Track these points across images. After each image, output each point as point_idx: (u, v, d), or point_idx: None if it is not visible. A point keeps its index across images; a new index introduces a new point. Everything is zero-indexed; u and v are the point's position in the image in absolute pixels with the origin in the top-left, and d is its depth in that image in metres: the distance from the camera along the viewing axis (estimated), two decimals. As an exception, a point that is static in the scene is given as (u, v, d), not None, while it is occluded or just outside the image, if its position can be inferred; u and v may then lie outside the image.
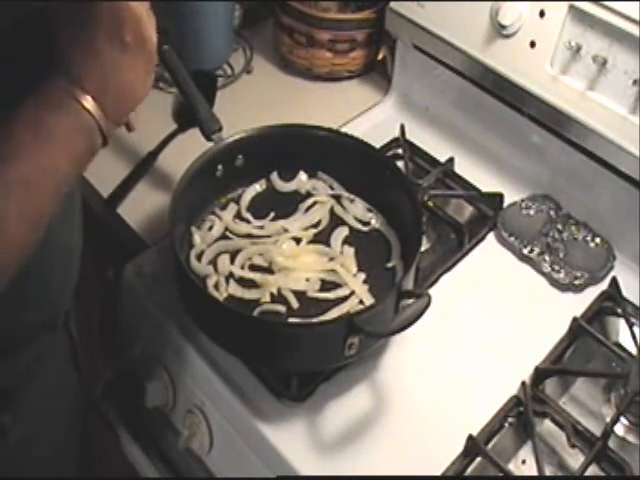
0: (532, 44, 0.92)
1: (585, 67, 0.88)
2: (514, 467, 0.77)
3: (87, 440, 1.08)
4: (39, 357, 0.76)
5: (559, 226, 0.96)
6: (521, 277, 0.93)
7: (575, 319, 0.85)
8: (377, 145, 0.98)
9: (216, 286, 0.81)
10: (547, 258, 0.93)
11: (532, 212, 0.98)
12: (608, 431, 0.76)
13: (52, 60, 0.55)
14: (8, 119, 0.52)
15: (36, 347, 0.75)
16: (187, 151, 0.85)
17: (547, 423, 0.80)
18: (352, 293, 0.81)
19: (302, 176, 0.93)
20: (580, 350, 0.86)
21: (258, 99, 1.14)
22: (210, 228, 0.87)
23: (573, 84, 0.90)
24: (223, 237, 0.87)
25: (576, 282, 0.90)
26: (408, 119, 1.10)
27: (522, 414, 0.78)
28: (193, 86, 0.89)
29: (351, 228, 0.89)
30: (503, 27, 0.93)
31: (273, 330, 0.75)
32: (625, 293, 0.89)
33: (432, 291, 0.72)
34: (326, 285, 0.82)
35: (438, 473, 0.74)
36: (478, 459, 0.75)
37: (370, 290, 0.82)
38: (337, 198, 0.92)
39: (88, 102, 0.54)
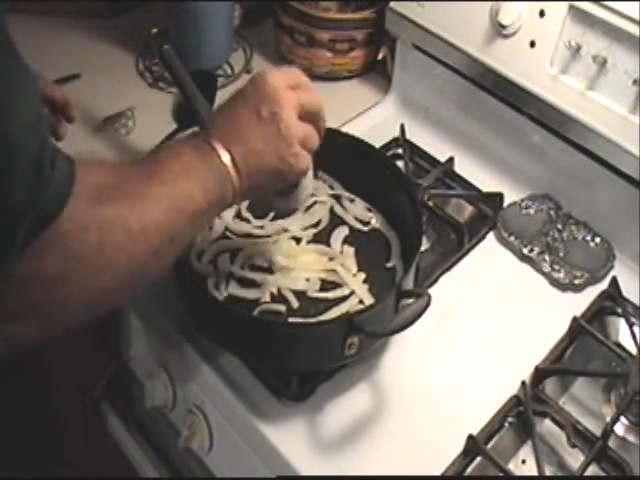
0: (532, 44, 0.92)
1: (585, 67, 0.88)
2: (514, 467, 0.77)
3: (88, 440, 1.08)
4: None
5: (559, 226, 0.96)
6: (521, 277, 0.93)
7: (575, 319, 0.85)
8: (377, 145, 0.98)
9: (216, 286, 0.81)
10: (547, 258, 0.93)
11: (532, 212, 0.98)
12: (608, 431, 0.76)
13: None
14: (161, 149, 0.62)
15: None
16: (187, 151, 0.85)
17: (547, 423, 0.80)
18: (352, 293, 0.81)
19: (302, 176, 0.93)
20: (580, 350, 0.86)
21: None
22: (210, 228, 0.87)
23: (573, 84, 0.90)
24: (223, 237, 0.87)
25: (576, 282, 0.90)
26: (408, 119, 1.10)
27: (522, 414, 0.78)
28: (193, 86, 0.89)
29: (351, 228, 0.89)
30: (503, 27, 0.93)
31: (273, 330, 0.75)
32: (625, 293, 0.89)
33: (432, 291, 0.72)
34: (326, 285, 0.82)
35: (438, 473, 0.74)
36: (478, 459, 0.75)
37: (370, 290, 0.82)
38: (337, 198, 0.92)
39: (222, 152, 0.62)
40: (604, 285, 0.90)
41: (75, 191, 0.51)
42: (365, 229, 0.89)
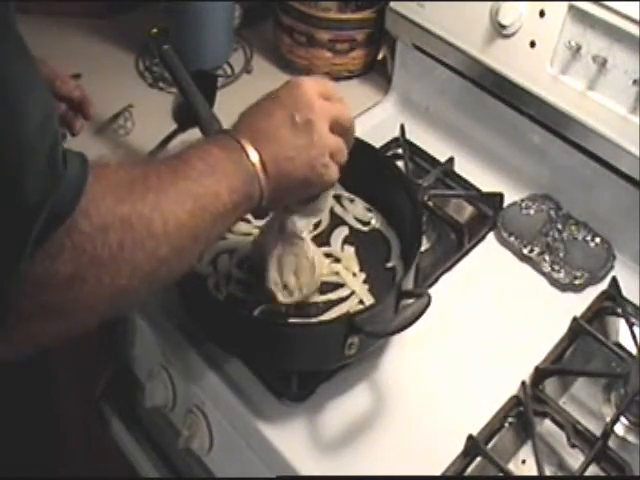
0: (532, 44, 0.92)
1: (585, 67, 0.88)
2: (514, 467, 0.77)
3: (88, 440, 1.08)
4: None
5: (559, 226, 0.96)
6: (521, 277, 0.93)
7: (575, 319, 0.85)
8: (377, 145, 0.98)
9: (216, 286, 0.81)
10: (547, 258, 0.93)
11: (532, 212, 0.98)
12: (608, 431, 0.76)
13: None
14: (184, 149, 0.60)
15: None
16: (187, 151, 0.85)
17: (547, 423, 0.80)
18: (352, 293, 0.81)
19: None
20: (580, 350, 0.86)
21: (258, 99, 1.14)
22: (210, 228, 0.87)
23: (573, 84, 0.90)
24: (223, 237, 0.86)
25: (576, 282, 0.90)
26: (408, 119, 1.10)
27: (522, 414, 0.78)
28: (193, 86, 0.89)
29: (351, 228, 0.89)
30: (503, 27, 0.93)
31: (273, 330, 0.75)
32: (625, 293, 0.89)
33: (432, 291, 0.72)
34: (326, 285, 0.82)
35: (438, 473, 0.73)
36: (478, 459, 0.75)
37: (370, 290, 0.82)
38: (337, 198, 0.92)
39: (251, 151, 0.61)
40: (604, 285, 0.90)
41: (92, 189, 0.50)
42: (365, 229, 0.89)
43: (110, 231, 0.51)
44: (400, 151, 1.05)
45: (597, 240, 0.95)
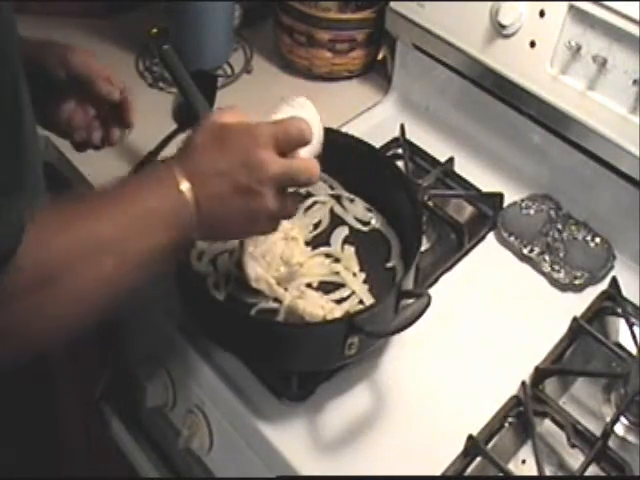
0: (532, 44, 0.92)
1: (585, 67, 0.88)
2: (514, 467, 0.77)
3: (88, 440, 1.08)
4: None
5: (559, 226, 0.96)
6: (521, 277, 0.93)
7: (575, 319, 0.85)
8: (377, 145, 0.98)
9: (216, 286, 0.81)
10: (547, 258, 0.93)
11: (532, 212, 0.98)
12: (608, 431, 0.76)
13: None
14: (115, 185, 0.59)
15: None
16: (187, 151, 0.85)
17: (547, 423, 0.80)
18: (352, 293, 0.81)
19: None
20: (580, 350, 0.86)
21: (258, 99, 1.13)
22: (210, 228, 0.87)
23: (573, 84, 0.90)
24: (223, 237, 0.86)
25: (576, 282, 0.90)
26: (408, 119, 1.10)
27: (522, 414, 0.78)
28: (193, 86, 0.89)
29: (351, 228, 0.89)
30: (503, 27, 0.93)
31: (273, 330, 0.75)
32: (625, 293, 0.89)
33: (432, 291, 0.72)
34: (326, 286, 0.82)
35: (438, 473, 0.73)
36: (478, 459, 0.75)
37: (370, 290, 0.82)
38: (337, 198, 0.92)
39: (188, 191, 0.59)
40: (604, 285, 0.90)
41: (30, 232, 0.51)
42: (365, 229, 0.89)
43: (50, 270, 0.53)
44: (400, 151, 1.05)
45: (597, 240, 0.95)
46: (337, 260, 0.85)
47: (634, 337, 0.84)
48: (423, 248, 0.91)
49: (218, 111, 0.65)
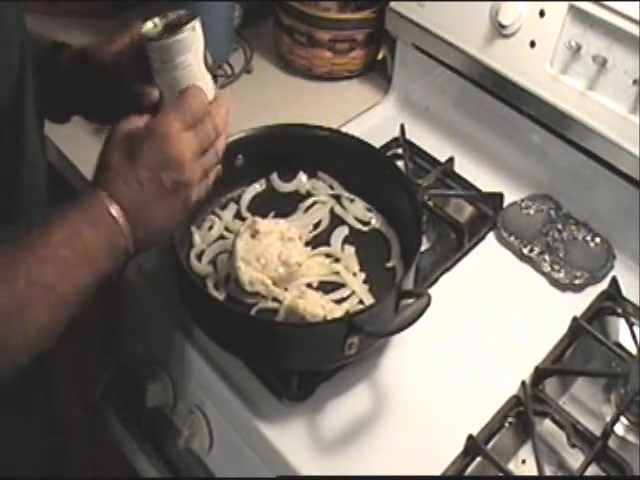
0: (532, 44, 0.92)
1: (585, 67, 0.88)
2: (514, 467, 0.77)
3: (88, 440, 1.08)
4: None
5: (559, 226, 0.96)
6: (521, 277, 0.93)
7: (575, 319, 0.85)
8: (377, 145, 0.98)
9: (216, 286, 0.81)
10: (547, 258, 0.93)
11: (532, 212, 0.98)
12: (608, 431, 0.76)
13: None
14: (47, 222, 0.59)
15: None
16: (187, 151, 0.85)
17: (547, 423, 0.80)
18: (352, 293, 0.81)
19: (302, 176, 0.93)
20: (580, 350, 0.86)
21: (258, 99, 1.14)
22: (210, 228, 0.87)
23: (573, 84, 0.90)
24: (223, 237, 0.87)
25: (576, 282, 0.90)
26: (408, 119, 1.10)
27: (522, 414, 0.78)
28: (193, 86, 0.89)
29: (351, 228, 0.89)
30: (503, 27, 0.93)
31: (273, 330, 0.75)
32: (625, 293, 0.89)
33: (432, 291, 0.72)
34: (326, 286, 0.82)
35: (438, 473, 0.74)
36: (478, 459, 0.75)
37: (370, 290, 0.82)
38: (337, 198, 0.92)
39: (119, 216, 0.60)
40: (604, 285, 0.90)
41: None
42: (365, 229, 0.89)
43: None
44: (400, 151, 1.05)
45: (597, 240, 0.95)
46: (337, 260, 0.85)
47: (634, 337, 0.84)
48: (423, 248, 0.91)
49: (117, 125, 0.64)
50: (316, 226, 0.89)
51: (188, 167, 0.62)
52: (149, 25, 0.64)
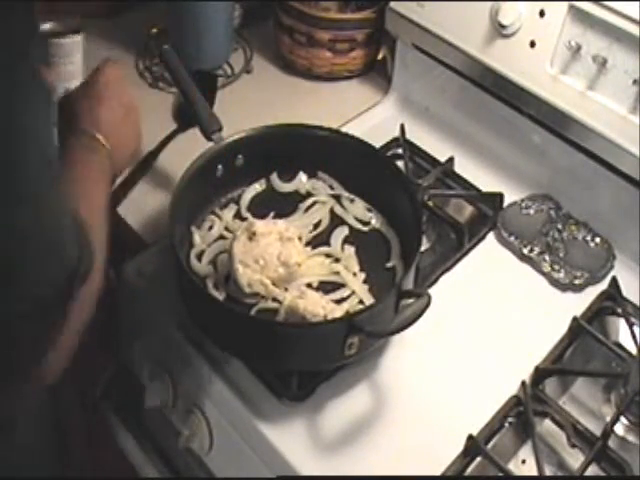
0: (532, 44, 0.92)
1: (585, 67, 0.88)
2: (514, 467, 0.77)
3: (88, 440, 1.08)
4: None
5: (559, 226, 0.96)
6: (521, 277, 0.93)
7: (575, 319, 0.85)
8: (377, 145, 0.98)
9: (216, 286, 0.81)
10: (547, 258, 0.93)
11: (532, 212, 0.98)
12: (608, 431, 0.76)
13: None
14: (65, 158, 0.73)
15: None
16: (187, 151, 0.85)
17: (547, 423, 0.80)
18: (352, 293, 0.81)
19: (302, 176, 0.93)
20: (580, 350, 0.86)
21: (258, 99, 1.14)
22: (210, 228, 0.87)
23: (573, 84, 0.90)
24: (223, 237, 0.87)
25: (576, 282, 0.90)
26: (408, 119, 1.10)
27: (522, 414, 0.78)
28: (193, 86, 0.89)
29: (351, 228, 0.89)
30: (503, 27, 0.93)
31: (273, 330, 0.75)
32: (625, 293, 0.89)
33: (432, 291, 0.72)
34: (326, 286, 0.82)
35: (438, 473, 0.74)
36: (478, 459, 0.75)
37: (370, 290, 0.82)
38: (337, 198, 0.92)
39: (105, 141, 0.78)
40: (604, 285, 0.90)
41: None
42: (365, 229, 0.89)
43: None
44: (400, 151, 1.05)
45: (597, 240, 0.95)
46: (337, 260, 0.85)
47: (634, 337, 0.84)
48: (423, 248, 0.91)
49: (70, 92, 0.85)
50: (316, 226, 0.89)
51: (126, 95, 0.83)
52: None
